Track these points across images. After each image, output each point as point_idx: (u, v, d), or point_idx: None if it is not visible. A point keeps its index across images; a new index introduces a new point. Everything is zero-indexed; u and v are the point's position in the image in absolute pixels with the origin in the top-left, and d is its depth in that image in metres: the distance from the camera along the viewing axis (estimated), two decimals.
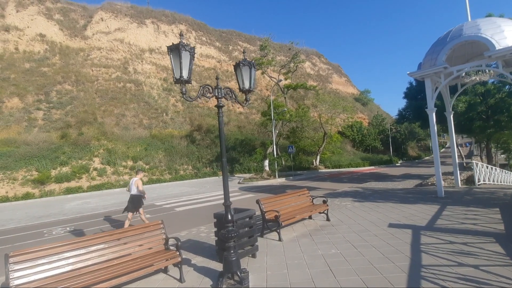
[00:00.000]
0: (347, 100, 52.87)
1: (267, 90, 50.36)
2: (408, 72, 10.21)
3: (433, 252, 4.62)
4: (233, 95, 4.63)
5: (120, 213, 11.14)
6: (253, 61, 4.65)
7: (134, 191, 7.76)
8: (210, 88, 4.26)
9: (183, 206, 12.14)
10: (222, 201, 4.35)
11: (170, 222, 9.11)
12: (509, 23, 8.50)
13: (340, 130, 44.05)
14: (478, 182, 11.99)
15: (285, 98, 26.81)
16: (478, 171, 12.15)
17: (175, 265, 4.36)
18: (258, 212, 6.32)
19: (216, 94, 4.37)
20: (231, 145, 31.68)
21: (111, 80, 35.24)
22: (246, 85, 4.61)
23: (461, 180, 12.11)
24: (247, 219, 5.02)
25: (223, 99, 4.48)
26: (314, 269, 4.29)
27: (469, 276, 3.71)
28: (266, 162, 23.80)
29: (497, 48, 8.16)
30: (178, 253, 4.27)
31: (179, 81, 3.86)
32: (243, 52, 4.87)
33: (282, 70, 26.62)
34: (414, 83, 20.69)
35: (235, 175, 26.94)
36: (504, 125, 16.22)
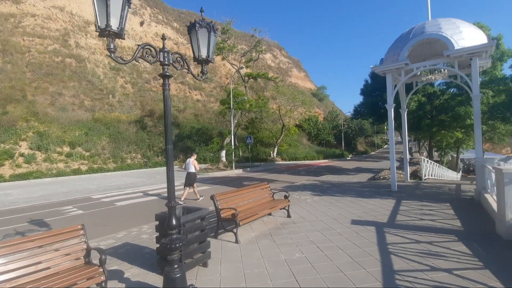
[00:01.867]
0: (305, 95, 54.02)
1: (227, 78, 48.85)
2: (371, 66, 10.12)
3: (402, 254, 4.28)
4: (185, 64, 3.60)
5: (49, 208, 9.33)
6: (213, 23, 3.65)
7: (191, 169, 9.76)
8: (152, 49, 3.17)
9: (126, 200, 10.64)
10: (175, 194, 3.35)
11: (107, 220, 7.73)
12: (467, 25, 8.77)
13: (298, 123, 44.86)
14: (424, 177, 12.71)
15: (245, 87, 25.90)
16: (424, 167, 12.87)
17: (98, 284, 3.27)
18: (212, 207, 5.44)
19: (161, 60, 3.30)
20: (187, 134, 29.88)
21: (47, 53, 30.32)
22: (203, 53, 3.61)
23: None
24: (198, 220, 4.10)
25: (174, 70, 3.43)
26: (278, 280, 3.59)
27: (446, 283, 3.36)
28: (223, 153, 22.82)
29: (455, 48, 8.34)
30: (101, 269, 3.20)
31: (105, 32, 2.73)
32: (201, 12, 3.84)
33: (243, 58, 25.58)
34: (369, 81, 21.55)
35: None
36: (446, 125, 17.81)
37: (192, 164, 9.88)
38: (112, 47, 2.82)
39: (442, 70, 10.10)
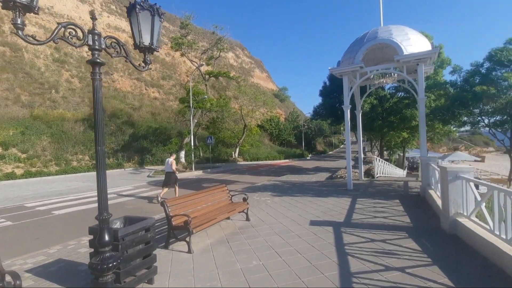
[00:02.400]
0: (267, 95, 54.61)
1: (187, 76, 47.14)
2: (329, 68, 10.34)
3: (359, 254, 4.26)
4: (123, 51, 3.09)
5: None
6: (158, 6, 3.19)
7: (169, 169, 9.88)
8: (78, 30, 2.63)
9: (66, 208, 9.43)
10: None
11: (40, 232, 6.70)
12: (414, 32, 9.39)
13: (260, 123, 45.11)
14: (377, 175, 13.45)
15: (206, 85, 25.13)
16: (376, 166, 13.62)
17: None
18: (161, 215, 4.93)
19: (90, 43, 2.77)
20: (142, 134, 28.08)
21: None
22: (146, 40, 3.14)
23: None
24: (142, 232, 3.60)
25: (110, 57, 2.91)
26: None
27: (399, 283, 3.36)
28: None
29: (404, 53, 8.86)
30: None
31: (9, 3, 2.16)
32: None
33: (203, 55, 24.79)
34: (328, 83, 22.43)
35: (146, 167, 23.90)
36: (395, 126, 19.26)
37: (171, 163, 10.06)
38: (19, 22, 2.25)
39: (392, 74, 10.73)
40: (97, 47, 2.80)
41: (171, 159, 10.23)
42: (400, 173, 20.68)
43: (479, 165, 43.94)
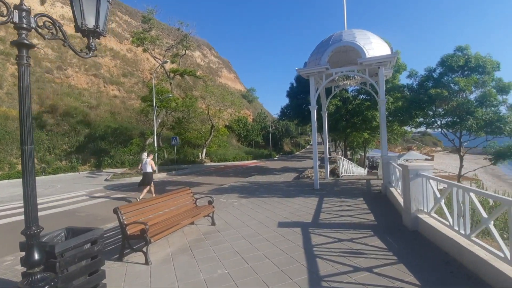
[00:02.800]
0: (235, 95, 54.22)
1: (150, 74, 45.02)
2: (296, 68, 10.37)
3: (327, 256, 4.17)
4: (60, 32, 2.61)
5: None
6: None
7: (148, 169, 9.87)
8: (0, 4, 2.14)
9: (5, 218, 8.25)
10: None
11: None
12: (376, 37, 9.78)
13: (228, 124, 44.59)
14: (341, 174, 13.86)
15: (171, 83, 24.05)
16: (341, 165, 14.04)
17: None
18: (116, 222, 4.41)
19: (16, 21, 2.28)
20: (100, 134, 26.07)
21: None
22: (90, 23, 2.70)
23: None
24: (88, 245, 3.10)
25: (41, 39, 2.43)
26: None
27: (368, 285, 3.30)
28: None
29: (367, 57, 9.17)
30: None
31: None
32: None
33: (167, 52, 23.72)
34: (295, 84, 22.80)
35: (103, 171, 22.15)
36: (357, 127, 20.17)
37: (149, 164, 10.16)
38: None
39: (356, 76, 11.10)
40: (24, 25, 2.31)
41: (149, 159, 10.34)
42: (362, 171, 21.67)
43: (429, 163, 47.92)
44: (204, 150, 29.90)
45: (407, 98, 11.62)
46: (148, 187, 10.11)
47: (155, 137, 19.89)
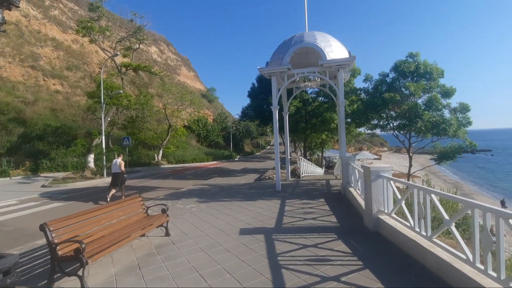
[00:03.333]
0: (194, 95, 52.53)
1: (100, 68, 41.43)
2: (258, 67, 10.11)
3: (293, 265, 3.89)
4: None
5: None
6: None
7: (118, 169, 10.08)
8: None
9: None
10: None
11: None
12: (335, 40, 9.97)
13: (187, 124, 42.95)
14: (302, 175, 13.99)
15: (122, 79, 22.12)
16: (302, 166, 14.18)
17: None
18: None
19: None
20: (38, 134, 23.00)
21: None
22: None
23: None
24: None
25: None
26: None
27: None
28: (91, 157, 18.61)
29: (327, 59, 9.27)
30: None
31: None
32: None
33: (119, 45, 21.78)
34: (256, 85, 22.67)
35: (41, 175, 19.49)
36: (317, 128, 20.76)
37: (119, 164, 10.21)
38: None
39: (316, 78, 11.23)
40: None
41: (119, 160, 10.39)
42: (320, 171, 22.38)
43: (377, 162, 51.95)
44: (161, 151, 28.23)
45: (364, 101, 12.16)
46: (114, 190, 10.20)
47: (103, 137, 18.05)
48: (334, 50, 9.53)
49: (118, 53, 18.47)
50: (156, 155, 27.92)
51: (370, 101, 11.27)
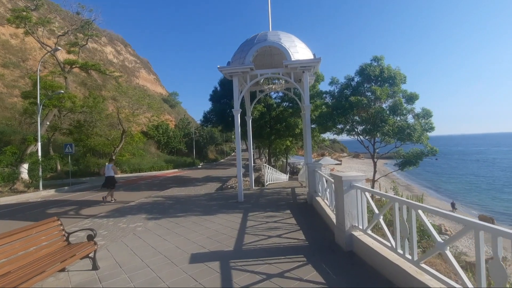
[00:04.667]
0: (154, 98, 49.66)
1: (45, 67, 37.11)
2: (218, 66, 9.21)
3: None
4: None
5: None
6: None
7: (112, 173, 11.26)
8: None
9: None
10: None
11: None
12: (300, 41, 9.49)
13: (145, 130, 40.17)
14: (266, 183, 13.26)
15: (66, 78, 19.57)
16: (266, 173, 13.46)
17: None
18: None
19: None
20: None
21: None
22: None
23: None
24: None
25: None
26: None
27: None
28: (25, 167, 15.93)
29: (292, 59, 8.71)
30: None
31: None
32: None
33: (62, 40, 19.31)
34: (219, 88, 21.64)
35: None
36: (281, 134, 20.34)
37: (112, 169, 11.32)
38: None
39: (281, 81, 10.67)
40: None
41: (111, 165, 11.58)
42: (285, 177, 21.97)
43: (338, 167, 53.85)
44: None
45: (330, 104, 11.88)
46: (113, 190, 11.41)
47: (39, 144, 15.56)
48: (299, 51, 9.03)
49: (59, 48, 16.16)
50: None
51: (338, 104, 10.98)
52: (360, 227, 4.31)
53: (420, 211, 3.00)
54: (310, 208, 7.93)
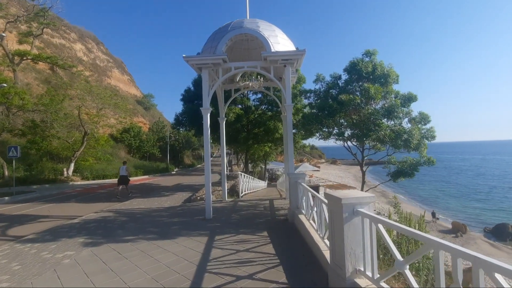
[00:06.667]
0: (127, 100, 46.70)
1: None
2: (184, 55, 7.69)
3: None
4: None
5: None
6: None
7: (125, 173, 13.45)
8: None
9: None
10: None
11: None
12: (281, 32, 8.26)
13: (114, 132, 37.28)
14: (242, 193, 11.78)
15: (15, 71, 17.04)
16: (241, 182, 11.99)
17: None
18: None
19: None
20: None
21: None
22: None
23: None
24: None
25: None
26: None
27: None
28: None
29: (272, 50, 7.41)
30: None
31: None
32: None
33: (12, 27, 16.83)
34: (192, 88, 19.95)
35: None
36: (260, 139, 18.97)
37: (126, 170, 13.44)
38: None
39: (259, 78, 9.36)
40: None
41: (126, 166, 13.45)
42: (263, 184, 20.55)
43: (317, 173, 53.48)
44: (72, 165, 22.90)
45: (315, 105, 10.66)
46: (123, 186, 13.51)
47: None
48: (280, 41, 7.77)
49: (4, 34, 13.81)
50: (65, 169, 22.52)
51: (324, 104, 9.72)
52: (368, 274, 2.95)
53: (497, 275, 1.68)
54: (292, 228, 6.56)
